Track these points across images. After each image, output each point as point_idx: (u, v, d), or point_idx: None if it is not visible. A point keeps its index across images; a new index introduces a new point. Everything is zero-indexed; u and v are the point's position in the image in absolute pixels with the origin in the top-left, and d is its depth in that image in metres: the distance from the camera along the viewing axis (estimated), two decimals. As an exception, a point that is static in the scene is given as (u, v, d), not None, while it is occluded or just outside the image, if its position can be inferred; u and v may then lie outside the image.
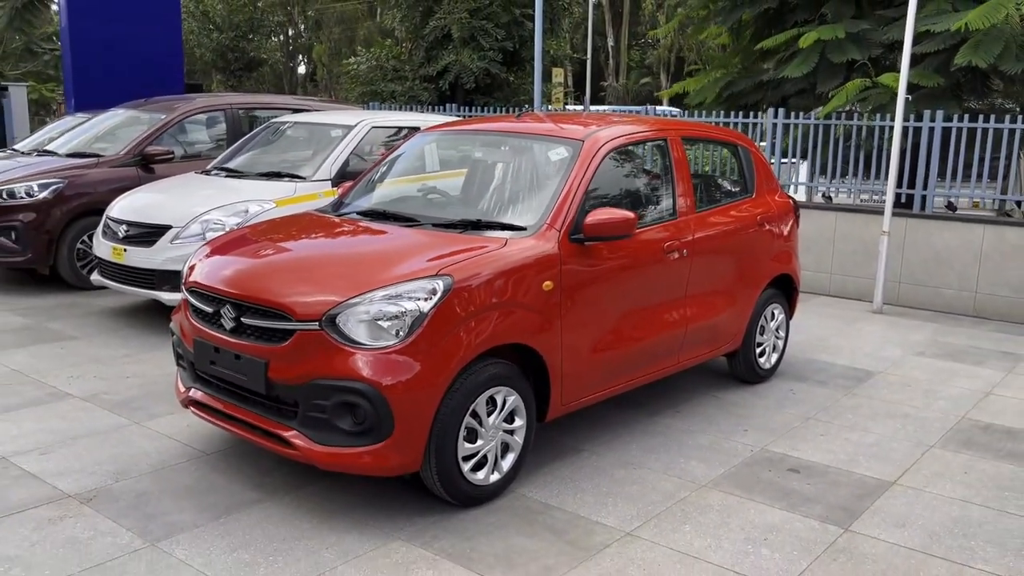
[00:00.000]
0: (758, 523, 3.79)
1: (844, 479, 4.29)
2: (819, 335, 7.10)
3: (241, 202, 6.59)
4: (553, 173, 4.38)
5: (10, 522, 3.60)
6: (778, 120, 9.19)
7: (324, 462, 3.57)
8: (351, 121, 7.47)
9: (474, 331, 3.67)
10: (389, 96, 14.91)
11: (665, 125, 5.04)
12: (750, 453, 4.58)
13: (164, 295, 6.48)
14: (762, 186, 5.67)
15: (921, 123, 8.34)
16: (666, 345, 4.80)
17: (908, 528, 3.78)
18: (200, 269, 4.13)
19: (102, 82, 13.13)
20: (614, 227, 4.09)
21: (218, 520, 3.67)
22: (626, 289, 4.45)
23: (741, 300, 5.36)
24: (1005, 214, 9.80)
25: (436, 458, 3.61)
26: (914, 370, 6.23)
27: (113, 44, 13.43)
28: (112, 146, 8.61)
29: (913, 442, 4.82)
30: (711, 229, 5.03)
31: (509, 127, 4.85)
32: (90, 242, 7.98)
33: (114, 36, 13.37)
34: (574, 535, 3.63)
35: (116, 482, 4.01)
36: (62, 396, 5.14)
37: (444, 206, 4.76)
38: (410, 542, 3.53)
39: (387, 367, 3.47)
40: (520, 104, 15.35)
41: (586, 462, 4.39)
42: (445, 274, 3.64)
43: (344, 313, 3.53)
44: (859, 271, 8.62)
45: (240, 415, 3.84)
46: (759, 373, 5.72)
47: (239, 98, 9.44)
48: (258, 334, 3.71)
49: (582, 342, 4.20)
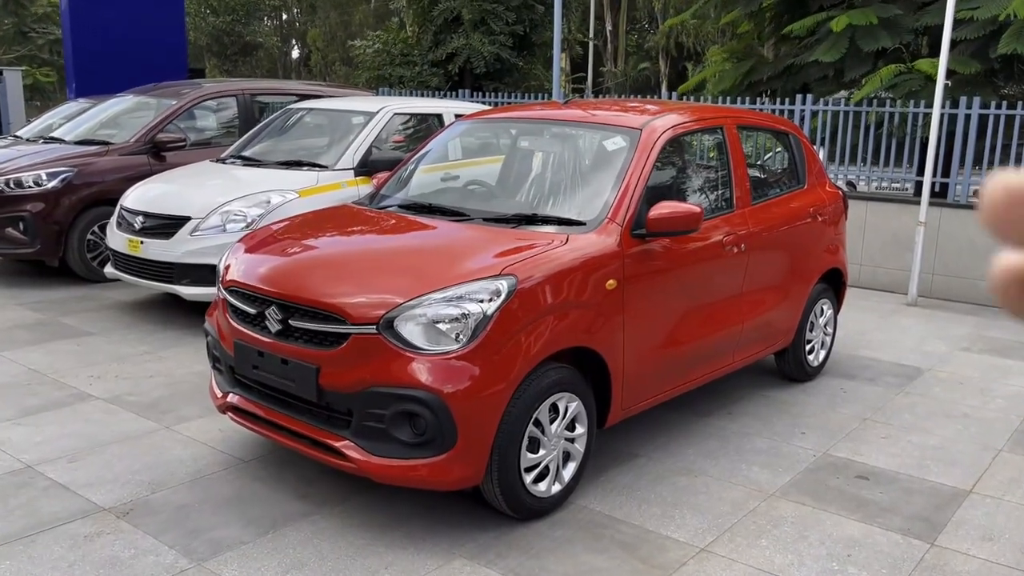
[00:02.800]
0: (837, 537, 3.57)
1: (917, 486, 4.08)
2: (858, 329, 6.88)
3: (263, 192, 6.31)
4: (610, 164, 4.12)
5: (44, 539, 3.36)
6: (807, 107, 8.94)
7: (379, 475, 3.33)
8: (373, 108, 7.18)
9: (538, 334, 3.43)
10: (397, 81, 14.58)
11: (719, 113, 4.80)
12: (813, 458, 4.37)
13: (183, 289, 6.22)
14: (813, 176, 5.43)
15: (957, 110, 8.10)
16: (723, 344, 4.57)
17: (997, 542, 3.57)
18: (239, 267, 3.87)
19: (104, 67, 12.82)
20: (680, 222, 3.84)
21: (265, 536, 3.44)
22: (686, 286, 4.22)
23: (794, 295, 5.13)
24: None
25: (498, 470, 3.38)
26: (963, 367, 6.02)
27: (115, 27, 13.09)
28: (121, 133, 8.32)
29: (979, 445, 4.61)
30: (767, 222, 4.80)
31: (557, 115, 4.58)
32: (101, 233, 7.71)
33: (116, 19, 13.03)
34: (645, 551, 3.41)
35: (152, 493, 3.77)
36: (84, 397, 4.89)
37: (492, 199, 4.49)
38: (474, 560, 3.30)
39: (450, 374, 3.23)
40: (531, 90, 15.06)
41: (644, 469, 4.17)
42: (509, 273, 3.39)
43: (403, 316, 3.28)
44: (891, 262, 8.41)
45: (285, 423, 3.60)
46: (808, 371, 5.50)
47: (251, 83, 9.13)
48: (308, 338, 3.46)
49: (643, 344, 3.96)
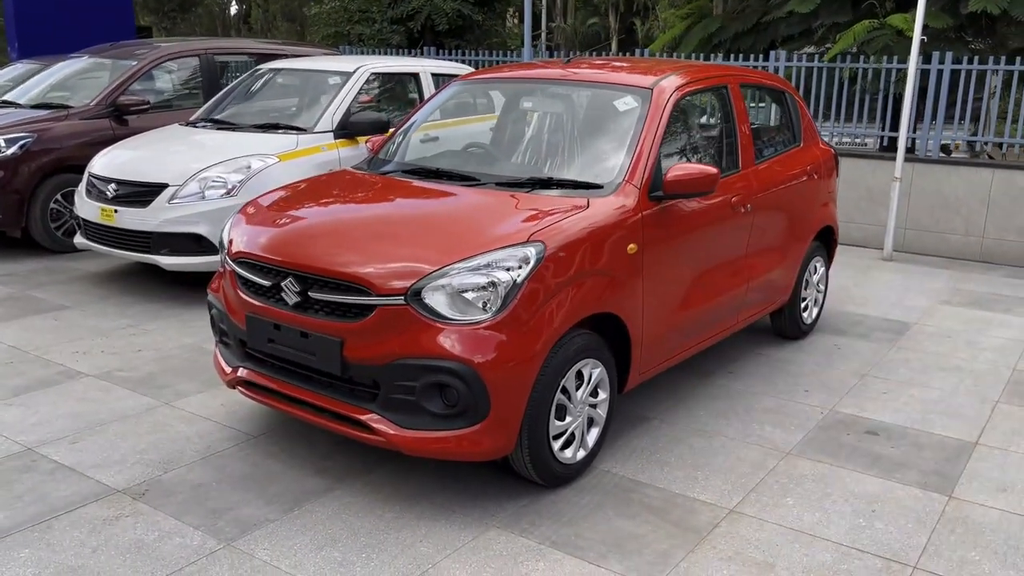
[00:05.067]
0: (859, 493, 3.62)
1: (925, 440, 4.16)
2: (840, 285, 6.97)
3: (243, 157, 6.11)
4: (623, 125, 4.05)
5: (61, 524, 3.23)
6: (780, 63, 8.94)
7: (409, 447, 3.26)
8: (349, 67, 6.97)
9: (566, 301, 3.38)
10: (357, 39, 14.20)
11: (722, 71, 4.74)
12: (821, 415, 4.42)
13: (162, 259, 6.01)
14: (808, 135, 5.44)
15: (930, 66, 8.18)
16: (730, 304, 4.58)
17: (1012, 492, 3.66)
18: (247, 238, 3.72)
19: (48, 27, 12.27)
20: (697, 183, 3.80)
21: (291, 513, 3.36)
22: (698, 248, 4.19)
23: (792, 254, 5.16)
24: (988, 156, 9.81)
25: (529, 438, 3.34)
26: (946, 320, 6.14)
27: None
28: (79, 96, 7.97)
29: (977, 397, 4.72)
30: (769, 181, 4.79)
31: (563, 74, 4.47)
32: (64, 201, 7.41)
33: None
34: (677, 515, 3.42)
35: (165, 473, 3.65)
36: (73, 375, 4.71)
37: (502, 162, 4.38)
38: (508, 529, 3.27)
39: (481, 343, 3.16)
40: (494, 47, 14.81)
41: (659, 432, 4.18)
42: (537, 240, 3.32)
43: (431, 286, 3.19)
44: (864, 218, 8.53)
45: (305, 397, 3.49)
46: (802, 328, 5.56)
47: (213, 43, 8.80)
48: (329, 310, 3.36)
49: (661, 307, 3.94)
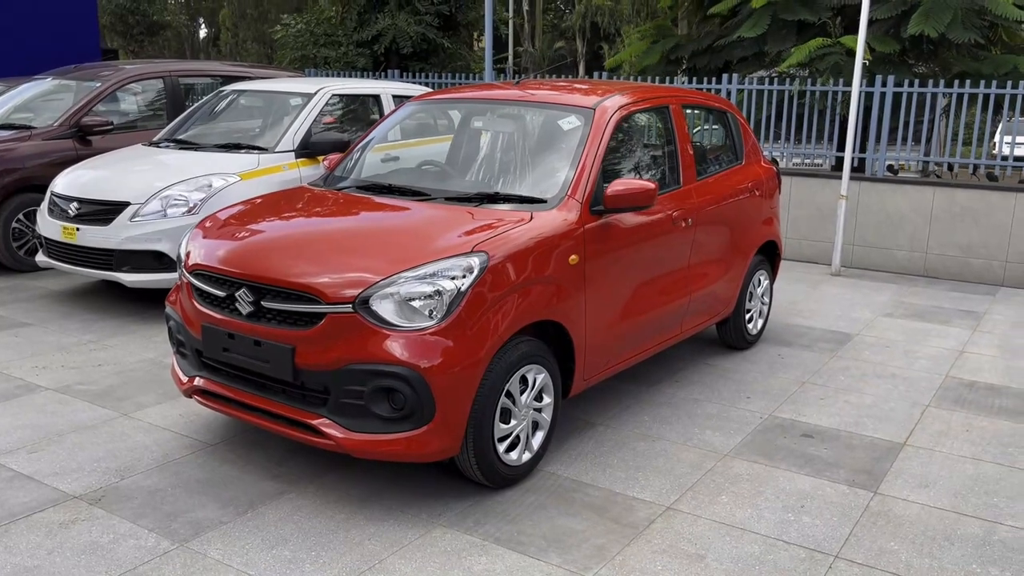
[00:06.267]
0: (790, 490, 3.81)
1: (857, 442, 4.37)
2: (789, 299, 7.21)
3: (204, 176, 6.23)
4: (566, 143, 4.25)
5: (18, 529, 3.32)
6: (732, 86, 9.24)
7: (358, 450, 3.41)
8: (310, 89, 7.14)
9: (508, 308, 3.55)
10: (322, 62, 14.38)
11: (664, 92, 4.96)
12: (760, 420, 4.62)
13: (124, 276, 6.10)
14: (750, 153, 5.68)
15: (873, 88, 8.51)
16: (674, 314, 4.77)
17: (933, 488, 3.86)
18: (203, 251, 3.86)
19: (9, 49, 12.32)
20: (636, 197, 4.00)
21: (244, 515, 3.48)
22: (640, 260, 4.39)
23: (735, 267, 5.37)
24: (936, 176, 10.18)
25: (474, 441, 3.49)
26: (888, 331, 6.39)
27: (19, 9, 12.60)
28: (43, 117, 8.05)
29: (909, 402, 4.94)
30: (711, 197, 5.01)
31: (512, 95, 4.68)
32: (26, 221, 7.48)
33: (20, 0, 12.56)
34: (616, 512, 3.58)
35: (122, 480, 3.75)
36: (33, 388, 4.79)
37: (451, 178, 4.57)
38: (453, 528, 3.42)
39: (427, 349, 3.32)
40: (458, 70, 15.04)
41: (604, 436, 4.35)
42: (480, 250, 3.50)
43: (378, 294, 3.35)
44: (814, 234, 8.80)
45: (258, 403, 3.63)
46: (748, 339, 5.77)
47: (177, 65, 8.93)
48: (281, 318, 3.50)
49: (603, 316, 4.12)
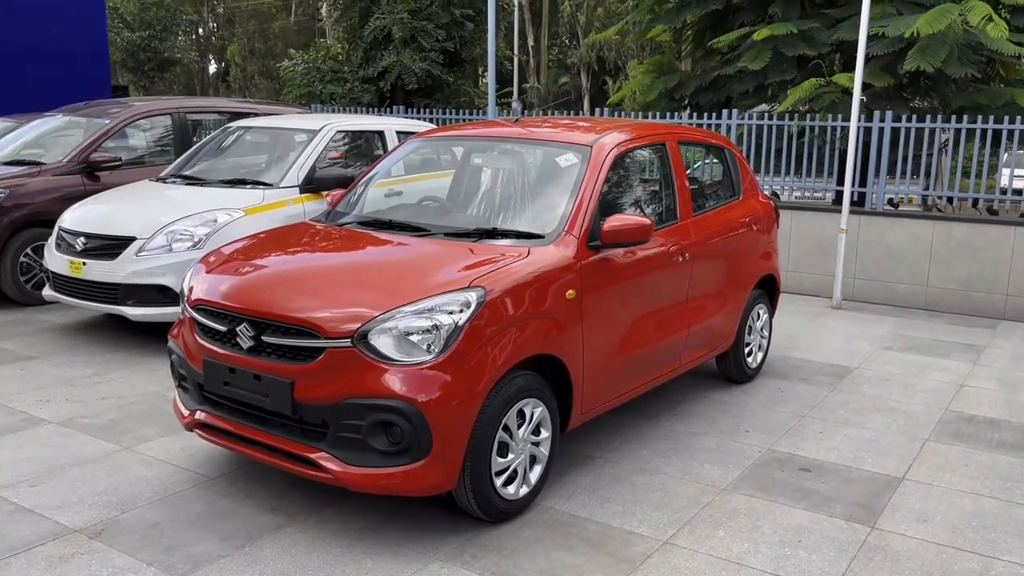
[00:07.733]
0: (787, 525, 3.82)
1: (855, 476, 4.37)
2: (789, 332, 7.24)
3: (209, 211, 6.32)
4: (564, 179, 4.32)
5: (18, 563, 3.35)
6: (732, 121, 9.35)
7: (356, 484, 3.43)
8: (315, 125, 7.26)
9: (505, 343, 3.59)
10: (328, 98, 14.59)
11: (661, 129, 5.05)
12: (759, 454, 4.63)
13: (129, 310, 6.17)
14: (747, 188, 5.75)
15: (872, 123, 8.60)
16: (672, 348, 4.81)
17: (930, 523, 3.87)
18: (205, 286, 3.93)
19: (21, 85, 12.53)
20: (632, 233, 4.06)
21: (243, 549, 3.50)
22: (637, 294, 4.43)
23: (733, 301, 5.41)
24: (938, 209, 10.25)
25: (471, 475, 3.52)
26: (887, 364, 6.41)
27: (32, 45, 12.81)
28: (52, 153, 8.18)
29: (908, 436, 4.95)
30: (708, 232, 5.07)
31: (510, 133, 4.76)
32: (34, 255, 7.57)
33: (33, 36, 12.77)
34: (612, 546, 3.60)
35: (122, 513, 3.78)
36: (36, 422, 4.83)
37: (450, 214, 4.64)
38: (450, 562, 3.43)
39: (424, 383, 3.36)
40: (462, 106, 15.23)
41: (603, 470, 4.36)
42: (477, 286, 3.55)
43: (377, 329, 3.40)
44: (815, 268, 8.85)
45: (258, 437, 3.66)
46: (747, 372, 5.80)
47: (184, 102, 9.08)
48: (281, 353, 3.55)
49: (600, 350, 4.16)
